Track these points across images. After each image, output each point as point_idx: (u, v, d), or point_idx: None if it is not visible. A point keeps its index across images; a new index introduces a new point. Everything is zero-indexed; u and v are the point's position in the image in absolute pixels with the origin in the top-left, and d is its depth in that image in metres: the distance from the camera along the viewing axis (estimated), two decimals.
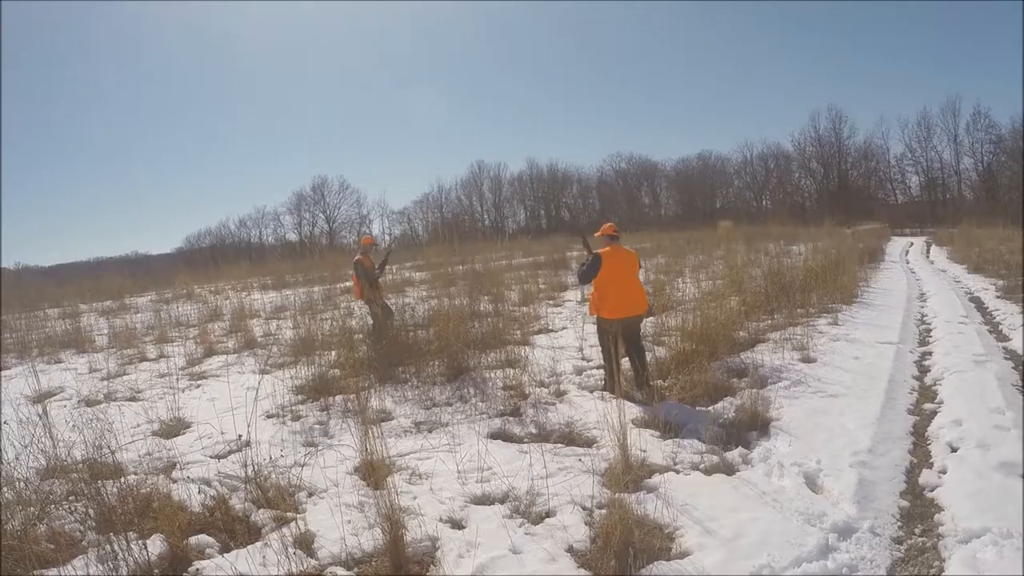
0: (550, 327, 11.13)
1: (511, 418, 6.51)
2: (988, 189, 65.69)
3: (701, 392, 6.76)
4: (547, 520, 4.35)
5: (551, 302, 14.10)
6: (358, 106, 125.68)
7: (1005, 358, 8.31)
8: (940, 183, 72.15)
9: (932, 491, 4.68)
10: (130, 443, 5.94)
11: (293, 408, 7.27)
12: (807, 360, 8.10)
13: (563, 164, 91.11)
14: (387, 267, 11.95)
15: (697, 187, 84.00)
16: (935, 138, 71.61)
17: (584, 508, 4.45)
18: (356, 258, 10.55)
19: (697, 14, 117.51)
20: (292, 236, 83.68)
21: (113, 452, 5.13)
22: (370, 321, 10.25)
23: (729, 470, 5.06)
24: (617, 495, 4.45)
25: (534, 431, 6.11)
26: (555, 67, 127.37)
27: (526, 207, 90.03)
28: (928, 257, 26.67)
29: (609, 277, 7.10)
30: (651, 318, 9.68)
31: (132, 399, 8.31)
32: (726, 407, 6.35)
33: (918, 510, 4.46)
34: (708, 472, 5.02)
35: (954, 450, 5.29)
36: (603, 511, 4.32)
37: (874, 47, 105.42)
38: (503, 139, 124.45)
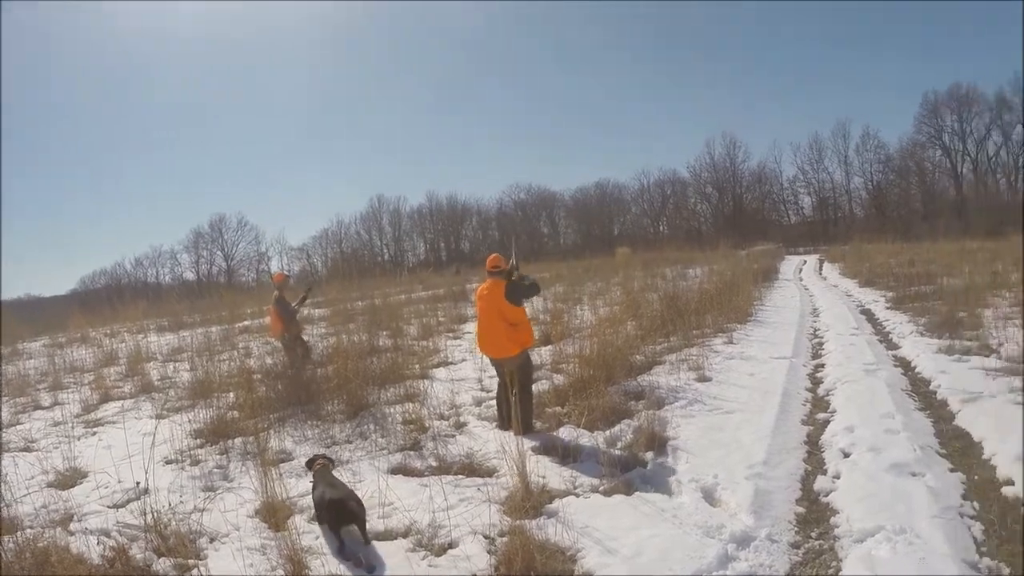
0: (449, 360, 11.29)
1: (412, 452, 6.63)
2: (878, 206, 71.86)
3: (599, 416, 6.98)
4: (450, 551, 4.48)
5: (451, 334, 14.25)
6: (257, 142, 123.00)
7: (894, 365, 9.01)
8: (832, 203, 78.23)
9: (827, 496, 5.03)
10: (25, 496, 5.72)
11: (192, 452, 7.18)
12: (703, 379, 8.49)
13: (463, 196, 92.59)
14: (307, 302, 12.02)
15: (595, 215, 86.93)
16: (826, 160, 78.00)
17: (486, 537, 4.58)
18: (275, 295, 10.65)
19: (594, 42, 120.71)
20: (190, 275, 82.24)
21: (8, 505, 5.05)
22: (270, 361, 10.28)
23: (628, 490, 5.27)
24: (518, 522, 4.63)
25: (435, 464, 6.21)
26: (454, 99, 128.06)
27: (426, 240, 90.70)
28: (821, 274, 28.29)
29: (478, 315, 7.28)
30: (548, 346, 9.86)
31: (26, 449, 8.11)
32: (624, 429, 6.59)
33: (814, 515, 4.79)
34: (607, 494, 5.21)
35: (847, 456, 5.70)
36: (505, 538, 4.42)
37: (766, 73, 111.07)
38: (404, 173, 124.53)
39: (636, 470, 5.65)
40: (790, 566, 4.06)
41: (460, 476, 5.86)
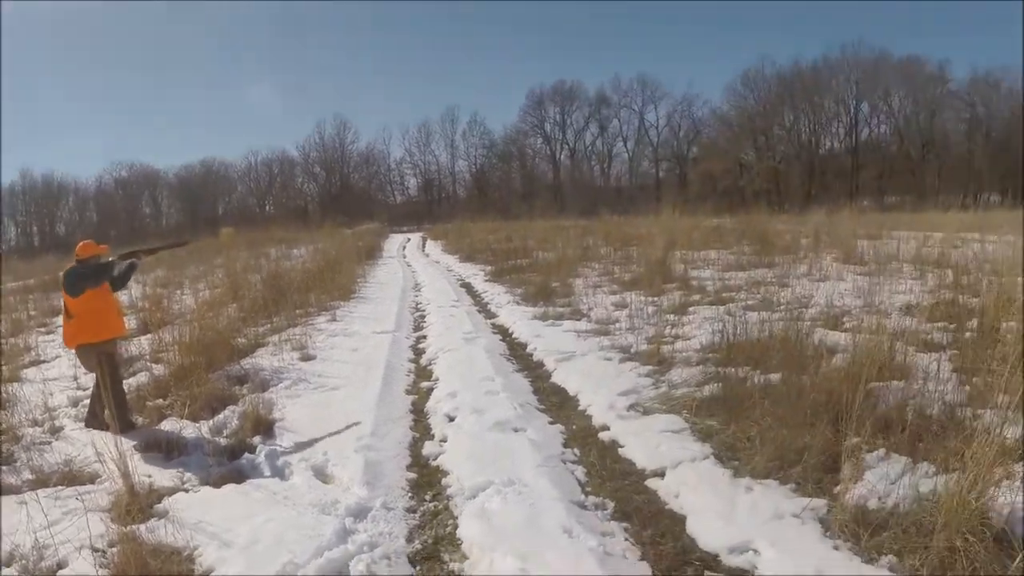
0: (42, 358, 9.87)
1: (4, 467, 5.62)
2: (480, 188, 78.04)
3: (203, 405, 6.60)
4: (60, 572, 3.92)
5: (42, 329, 12.48)
6: None
7: (493, 333, 9.80)
8: (437, 184, 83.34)
9: (436, 459, 5.29)
10: None
11: None
12: (307, 358, 8.47)
13: (60, 174, 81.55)
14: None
15: (200, 194, 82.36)
16: (433, 143, 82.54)
17: (96, 550, 4.06)
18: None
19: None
20: None
21: None
22: None
23: (239, 479, 5.07)
24: (127, 528, 4.19)
25: (32, 477, 5.35)
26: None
27: (17, 223, 79.09)
28: (424, 251, 29.64)
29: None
30: (147, 335, 9.17)
31: None
32: (230, 416, 6.33)
33: (425, 479, 4.99)
34: (218, 485, 4.97)
35: (452, 419, 6.05)
36: (116, 548, 3.98)
37: (381, 60, 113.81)
38: None
39: (245, 456, 5.44)
40: (409, 530, 4.18)
41: (60, 487, 5.15)
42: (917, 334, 6.74)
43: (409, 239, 40.04)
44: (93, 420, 6.45)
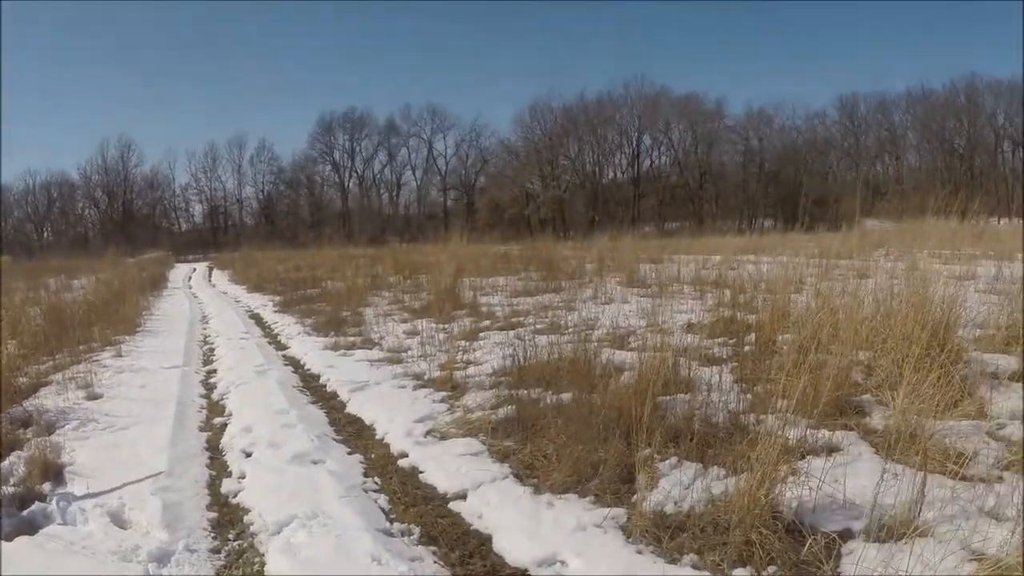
0: None
1: None
2: (267, 215, 75.21)
3: None
4: None
5: None
6: None
7: (285, 365, 9.63)
8: (223, 211, 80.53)
9: (236, 497, 5.09)
10: None
11: None
12: (94, 397, 7.91)
13: None
14: None
15: None
16: (220, 168, 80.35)
17: None
18: None
19: None
20: None
21: None
22: None
23: (31, 530, 4.64)
24: None
25: None
26: None
27: None
28: (211, 281, 28.62)
29: None
30: None
31: None
32: (15, 463, 5.77)
33: (227, 517, 4.80)
34: (9, 538, 4.52)
35: (248, 455, 5.85)
36: None
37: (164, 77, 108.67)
38: None
39: (36, 505, 4.97)
40: (215, 572, 4.02)
41: None
42: (700, 350, 7.26)
43: (195, 268, 38.47)
44: None
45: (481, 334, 9.83)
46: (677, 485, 4.26)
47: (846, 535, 3.63)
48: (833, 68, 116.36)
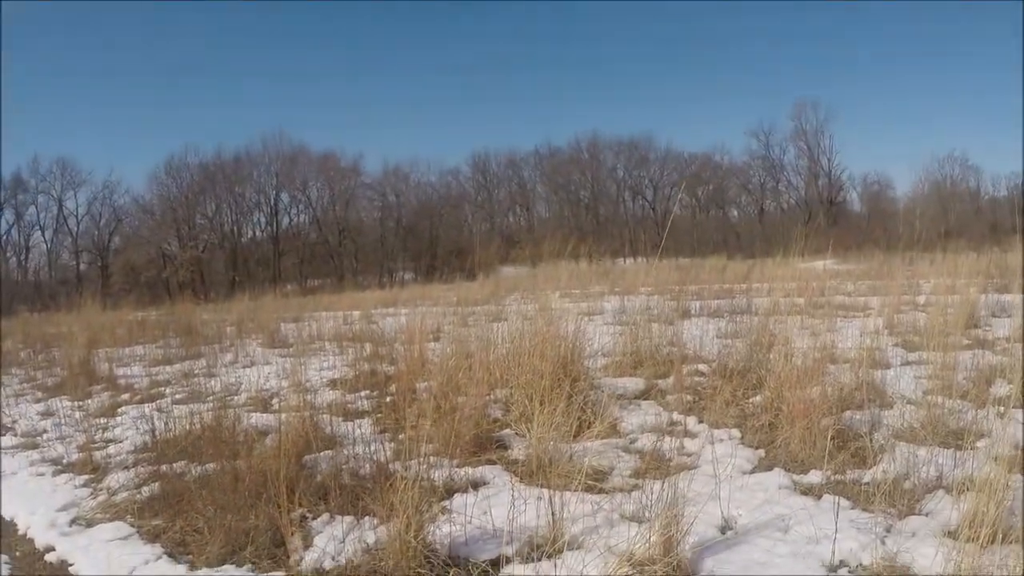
0: None
1: None
2: None
3: None
4: None
5: None
6: None
7: None
8: None
9: None
10: None
11: None
12: None
13: None
14: None
15: None
16: None
17: None
18: None
19: None
20: None
21: None
22: None
23: None
24: None
25: None
26: None
27: None
28: None
29: None
30: None
31: None
32: None
33: None
34: None
35: None
36: None
37: None
38: None
39: None
40: None
41: None
42: (343, 404, 7.40)
43: None
44: None
45: (120, 408, 9.12)
46: (332, 540, 4.33)
47: (501, 561, 3.90)
48: (466, 133, 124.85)
